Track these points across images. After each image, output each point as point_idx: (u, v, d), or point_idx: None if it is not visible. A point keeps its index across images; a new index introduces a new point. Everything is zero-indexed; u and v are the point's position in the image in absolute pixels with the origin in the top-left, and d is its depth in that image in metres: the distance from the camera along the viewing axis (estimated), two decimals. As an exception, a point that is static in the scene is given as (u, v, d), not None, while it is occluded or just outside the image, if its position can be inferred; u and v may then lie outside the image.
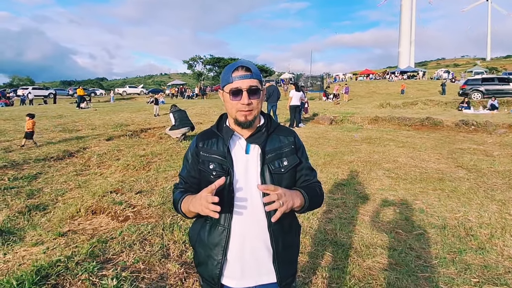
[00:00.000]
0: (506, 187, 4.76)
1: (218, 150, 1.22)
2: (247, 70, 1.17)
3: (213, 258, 1.21)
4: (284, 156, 1.24)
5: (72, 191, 4.80)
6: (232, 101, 1.17)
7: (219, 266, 1.20)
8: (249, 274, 1.21)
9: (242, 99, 1.15)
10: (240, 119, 1.18)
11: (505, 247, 3.04)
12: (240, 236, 1.19)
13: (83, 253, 2.70)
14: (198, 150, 1.25)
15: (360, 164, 6.08)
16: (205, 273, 1.25)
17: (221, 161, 1.20)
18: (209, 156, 1.22)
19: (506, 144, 8.16)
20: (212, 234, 1.21)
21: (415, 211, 3.91)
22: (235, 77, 1.16)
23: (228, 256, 1.20)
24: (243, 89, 1.15)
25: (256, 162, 1.20)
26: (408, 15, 70.50)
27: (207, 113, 15.46)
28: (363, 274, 2.63)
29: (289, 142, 1.27)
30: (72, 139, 8.24)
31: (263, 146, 1.21)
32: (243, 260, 1.20)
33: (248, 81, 1.16)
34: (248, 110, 1.17)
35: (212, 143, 1.24)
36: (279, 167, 1.21)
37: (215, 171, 1.19)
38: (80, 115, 14.00)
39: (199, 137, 1.29)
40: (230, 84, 1.16)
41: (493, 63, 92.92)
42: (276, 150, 1.23)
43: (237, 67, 1.17)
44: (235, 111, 1.18)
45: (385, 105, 18.75)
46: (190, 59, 57.58)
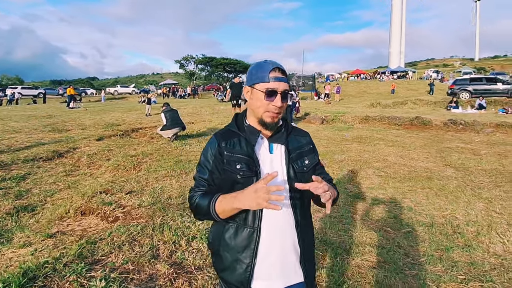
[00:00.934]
0: (492, 185, 4.86)
1: (243, 150, 1.19)
2: (283, 74, 1.19)
3: (242, 261, 1.16)
4: (304, 155, 1.26)
5: (61, 192, 4.73)
6: (265, 101, 1.16)
7: (249, 269, 1.16)
8: (278, 275, 1.18)
9: (275, 101, 1.15)
10: (267, 120, 1.18)
11: (491, 244, 3.11)
12: (269, 237, 1.17)
13: (71, 255, 2.67)
14: (221, 149, 1.20)
15: (351, 163, 6.14)
16: (232, 279, 1.19)
17: (248, 161, 1.17)
18: (234, 156, 1.18)
19: (493, 143, 8.33)
20: (240, 236, 1.17)
21: (404, 209, 3.97)
22: (272, 78, 1.15)
23: (258, 258, 1.16)
24: (278, 91, 1.15)
25: (281, 162, 1.21)
26: (399, 15, 71.21)
27: (199, 112, 15.40)
28: (352, 272, 2.66)
29: (307, 142, 1.31)
30: (62, 139, 8.12)
31: (286, 145, 1.23)
32: (272, 261, 1.17)
33: (284, 84, 1.17)
34: (277, 113, 1.18)
35: (234, 143, 1.21)
36: (302, 166, 1.24)
37: (242, 171, 1.16)
38: (70, 115, 13.81)
39: (220, 137, 1.23)
40: (266, 83, 1.16)
41: (481, 63, 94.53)
42: (297, 149, 1.26)
43: (274, 68, 1.17)
44: (263, 111, 1.17)
45: (376, 105, 18.96)
46: (182, 58, 57.30)
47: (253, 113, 1.22)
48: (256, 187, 1.02)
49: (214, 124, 11.61)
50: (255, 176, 1.15)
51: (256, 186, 1.03)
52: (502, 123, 10.17)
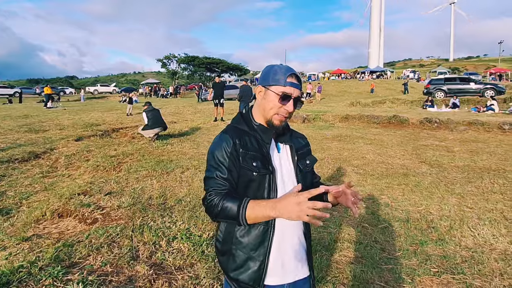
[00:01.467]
0: (465, 181, 5.07)
1: (255, 148, 1.21)
2: (298, 81, 1.22)
3: (255, 259, 1.17)
4: (306, 156, 1.33)
5: (38, 194, 4.59)
6: (279, 103, 1.19)
7: (263, 267, 1.17)
8: (289, 270, 1.21)
9: (288, 106, 1.19)
10: (275, 123, 1.21)
11: (463, 238, 3.24)
12: (282, 233, 1.20)
13: (47, 258, 2.61)
14: (237, 147, 1.19)
15: (331, 161, 6.26)
16: (245, 277, 1.18)
17: (262, 159, 1.19)
18: (249, 154, 1.19)
19: (465, 141, 8.68)
20: (253, 234, 1.18)
21: (381, 206, 4.09)
22: (288, 83, 1.19)
23: (271, 254, 1.18)
24: (293, 97, 1.20)
25: (288, 161, 1.26)
26: (377, 17, 72.95)
27: (181, 112, 15.25)
28: (331, 268, 2.72)
29: (305, 143, 1.39)
30: (39, 140, 7.85)
31: (291, 146, 1.28)
32: (283, 256, 1.20)
33: (298, 91, 1.22)
34: (286, 117, 1.22)
35: (247, 141, 1.22)
36: (306, 166, 1.30)
37: (258, 168, 1.17)
38: (47, 114, 13.38)
39: (233, 134, 1.22)
40: (282, 87, 1.19)
41: (456, 63, 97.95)
42: (299, 150, 1.32)
43: (291, 73, 1.20)
44: (273, 113, 1.20)
45: (356, 104, 19.37)
46: (164, 57, 56.48)
47: (263, 113, 1.24)
48: (299, 200, 1.01)
49: (196, 123, 11.54)
50: (269, 174, 1.18)
51: (298, 198, 1.02)
52: (474, 121, 10.60)
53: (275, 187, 1.19)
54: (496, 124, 10.18)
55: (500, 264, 2.75)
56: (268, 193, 1.18)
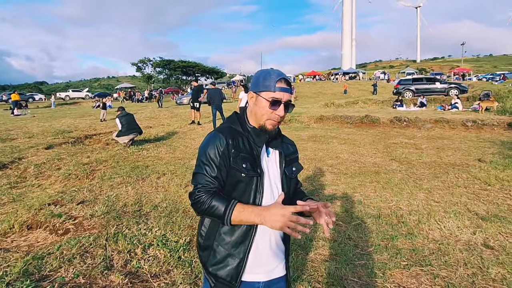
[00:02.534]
0: (432, 176, 5.32)
1: (246, 150, 1.22)
2: (288, 85, 1.23)
3: (235, 256, 1.21)
4: (293, 163, 1.35)
5: (5, 206, 4.38)
6: (269, 109, 1.21)
7: (241, 264, 1.21)
8: (266, 268, 1.25)
9: (279, 111, 1.21)
10: (268, 128, 1.23)
11: (430, 231, 3.40)
12: (262, 233, 1.22)
13: (15, 272, 2.51)
14: (229, 147, 1.20)
15: (306, 162, 6.38)
16: (223, 273, 1.23)
17: (252, 161, 1.21)
18: (240, 155, 1.20)
19: (432, 138, 9.11)
20: (236, 232, 1.21)
21: (354, 203, 4.22)
22: (277, 88, 1.20)
23: (251, 253, 1.22)
24: (283, 101, 1.21)
25: (276, 166, 1.28)
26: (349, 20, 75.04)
27: (157, 116, 15.01)
28: (306, 267, 2.78)
29: (294, 150, 1.40)
30: (6, 149, 7.48)
31: (281, 151, 1.30)
32: (263, 255, 1.24)
33: (288, 95, 1.22)
34: (278, 122, 1.23)
35: (239, 142, 1.23)
36: (292, 172, 1.32)
37: (247, 170, 1.19)
38: (15, 122, 12.78)
39: (226, 134, 1.23)
40: (272, 92, 1.20)
41: (422, 64, 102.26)
42: (288, 156, 1.33)
43: (281, 78, 1.21)
44: (266, 118, 1.22)
45: (330, 105, 19.80)
46: (139, 61, 55.29)
47: (255, 118, 1.26)
48: (284, 213, 1.08)
49: (173, 127, 11.39)
50: (257, 176, 1.20)
51: (284, 211, 1.08)
52: (440, 119, 11.15)
53: (262, 189, 1.22)
54: (460, 121, 10.75)
55: (464, 254, 2.90)
56: (254, 195, 1.21)
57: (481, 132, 10.05)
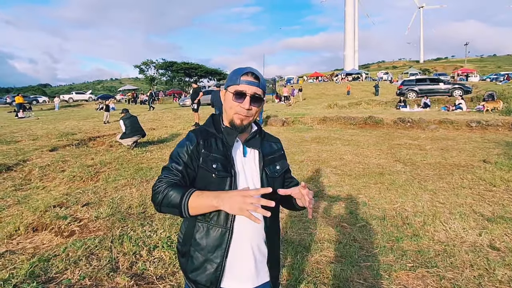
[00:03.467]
0: (436, 177, 5.29)
1: (219, 150, 1.20)
2: (255, 78, 1.19)
3: (212, 261, 1.18)
4: (276, 161, 1.30)
5: (10, 208, 4.41)
6: (234, 101, 1.18)
7: (220, 269, 1.17)
8: (248, 275, 1.21)
9: (244, 103, 1.17)
10: (236, 122, 1.19)
11: (436, 233, 3.38)
12: (240, 238, 1.19)
13: (21, 274, 2.53)
14: (199, 147, 1.20)
15: (310, 163, 6.37)
16: (202, 279, 1.19)
17: (224, 161, 1.18)
18: (211, 155, 1.18)
19: (436, 139, 9.07)
20: (211, 236, 1.18)
21: (359, 205, 4.20)
22: (243, 81, 1.18)
23: (229, 257, 1.18)
24: (248, 94, 1.17)
25: (254, 166, 1.24)
26: (352, 20, 74.97)
27: (160, 118, 15.05)
28: (311, 269, 2.77)
29: (278, 148, 1.35)
30: (10, 152, 7.54)
31: (260, 150, 1.26)
32: (242, 261, 1.19)
33: (254, 88, 1.18)
34: (246, 116, 1.19)
35: (211, 143, 1.21)
36: (274, 172, 1.27)
37: (217, 171, 1.16)
38: (19, 125, 12.87)
39: (199, 134, 1.23)
40: (236, 85, 1.18)
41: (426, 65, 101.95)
42: (270, 155, 1.29)
43: (247, 72, 1.19)
44: (233, 113, 1.19)
45: (333, 106, 19.74)
46: (141, 63, 55.40)
47: (226, 114, 1.24)
48: (246, 193, 1.00)
49: (176, 129, 11.42)
50: (230, 177, 1.17)
51: (245, 192, 1.00)
52: (444, 120, 11.09)
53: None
54: (464, 122, 10.69)
55: (470, 256, 2.89)
56: None
57: (485, 132, 9.99)
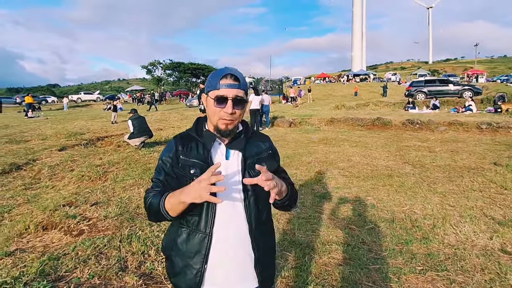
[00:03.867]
0: (446, 180, 5.22)
1: (199, 155, 1.19)
2: (235, 80, 1.16)
3: (192, 267, 1.17)
4: (263, 161, 1.25)
5: (20, 207, 4.47)
6: (216, 107, 1.16)
7: (199, 275, 1.16)
8: (232, 280, 1.18)
9: (226, 108, 1.14)
10: (221, 127, 1.17)
11: (446, 236, 3.34)
12: (222, 243, 1.17)
13: (32, 273, 2.55)
14: (178, 153, 1.20)
15: (317, 165, 6.34)
16: (182, 284, 1.20)
17: (202, 166, 1.16)
18: (189, 161, 1.18)
19: (446, 141, 8.95)
20: (191, 242, 1.18)
21: (367, 207, 4.17)
22: (222, 85, 1.14)
23: (209, 263, 1.17)
24: (229, 98, 1.14)
25: (237, 168, 1.20)
26: (359, 21, 74.57)
27: (167, 118, 15.14)
28: (320, 271, 2.75)
29: (266, 147, 1.30)
30: (20, 151, 7.65)
31: (244, 152, 1.22)
32: (225, 266, 1.17)
33: (235, 90, 1.15)
34: (230, 120, 1.16)
35: (191, 147, 1.20)
36: (259, 172, 1.22)
37: (196, 176, 1.13)
38: (29, 124, 13.05)
39: (178, 140, 1.23)
40: (216, 90, 1.15)
41: (435, 66, 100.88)
42: (256, 155, 1.25)
43: (225, 74, 1.16)
44: (217, 119, 1.17)
45: (340, 107, 19.63)
46: (149, 64, 55.85)
47: (210, 120, 1.22)
48: (200, 178, 1.04)
49: (183, 130, 11.43)
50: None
51: (200, 177, 1.04)
52: (454, 122, 10.95)
53: (213, 195, 1.10)
54: (474, 124, 10.54)
55: (481, 260, 2.84)
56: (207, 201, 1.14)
57: (496, 135, 9.83)
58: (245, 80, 1.21)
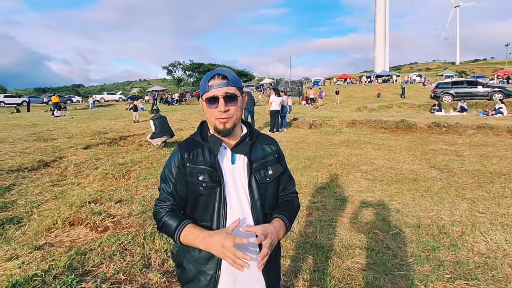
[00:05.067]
0: (475, 185, 5.00)
1: (206, 161, 1.18)
2: (223, 78, 1.16)
3: (205, 273, 1.17)
4: (268, 165, 1.24)
5: (48, 203, 4.64)
6: (210, 109, 1.16)
7: (213, 281, 1.16)
8: (241, 285, 1.19)
9: (219, 106, 1.14)
10: (219, 127, 1.16)
11: (475, 243, 3.20)
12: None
13: (61, 266, 2.64)
14: (184, 161, 1.19)
15: (339, 167, 6.23)
16: None
17: (211, 172, 1.16)
18: (196, 167, 1.17)
19: (475, 145, 8.59)
20: None
21: (391, 211, 4.05)
22: (211, 86, 1.16)
23: (222, 269, 1.17)
24: (219, 96, 1.14)
25: (243, 172, 1.19)
26: (382, 21, 72.98)
27: (187, 119, 15.35)
28: (343, 275, 2.70)
29: (272, 151, 1.28)
30: (48, 149, 7.96)
31: (249, 156, 1.21)
32: (236, 273, 1.15)
33: (225, 88, 1.15)
34: (226, 118, 1.15)
35: (197, 153, 1.20)
36: (265, 177, 1.22)
37: (205, 182, 1.15)
38: (55, 123, 13.57)
39: (183, 148, 1.22)
40: (207, 92, 1.16)
41: (462, 67, 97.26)
42: (261, 159, 1.23)
43: (213, 75, 1.17)
44: (214, 119, 1.17)
45: (362, 109, 19.28)
46: (169, 64, 57.03)
47: (209, 123, 1.23)
48: (224, 243, 1.03)
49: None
50: (219, 187, 1.16)
51: (224, 242, 1.03)
52: (483, 125, 10.49)
53: (225, 201, 1.16)
54: (505, 127, 10.06)
55: (514, 270, 2.70)
56: (218, 206, 1.16)
57: (529, 139, 9.35)
58: (236, 77, 1.22)
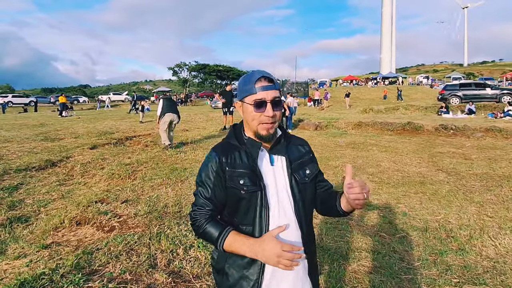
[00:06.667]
0: (484, 189, 4.94)
1: (244, 164, 1.15)
2: (270, 81, 1.14)
3: (248, 278, 1.13)
4: (305, 165, 1.24)
5: (55, 202, 4.68)
6: (256, 113, 1.12)
7: (256, 286, 1.12)
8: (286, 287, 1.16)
9: (267, 111, 1.11)
10: (262, 133, 1.14)
11: (484, 248, 3.16)
12: None
13: (68, 265, 2.66)
14: (223, 166, 1.15)
15: (345, 169, 6.19)
16: None
17: (251, 175, 1.13)
18: (236, 171, 1.14)
19: (483, 148, 8.49)
20: None
21: (398, 214, 4.02)
22: (258, 88, 1.12)
23: (265, 274, 1.13)
24: (268, 101, 1.11)
25: (283, 173, 1.18)
26: (389, 22, 72.60)
27: (193, 120, 15.40)
28: (349, 278, 2.68)
29: (306, 150, 1.29)
30: (55, 148, 8.03)
31: (287, 156, 1.20)
32: (279, 275, 1.13)
33: (272, 92, 1.13)
34: (271, 123, 1.14)
35: (235, 157, 1.16)
36: (304, 176, 1.21)
37: (246, 186, 1.12)
38: (62, 123, 13.71)
39: (220, 152, 1.18)
40: (253, 95, 1.12)
41: (470, 68, 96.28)
42: (298, 159, 1.23)
43: (259, 77, 1.13)
44: (257, 124, 1.14)
45: (368, 111, 19.18)
46: (175, 65, 57.29)
47: (249, 127, 1.19)
48: (280, 253, 1.02)
49: (208, 131, 11.62)
50: (260, 190, 1.13)
51: (279, 251, 1.02)
52: (492, 128, 10.37)
53: (267, 204, 1.13)
54: (514, 130, 9.93)
55: (524, 275, 2.66)
56: (260, 210, 1.13)
57: (538, 142, 9.22)
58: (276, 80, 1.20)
